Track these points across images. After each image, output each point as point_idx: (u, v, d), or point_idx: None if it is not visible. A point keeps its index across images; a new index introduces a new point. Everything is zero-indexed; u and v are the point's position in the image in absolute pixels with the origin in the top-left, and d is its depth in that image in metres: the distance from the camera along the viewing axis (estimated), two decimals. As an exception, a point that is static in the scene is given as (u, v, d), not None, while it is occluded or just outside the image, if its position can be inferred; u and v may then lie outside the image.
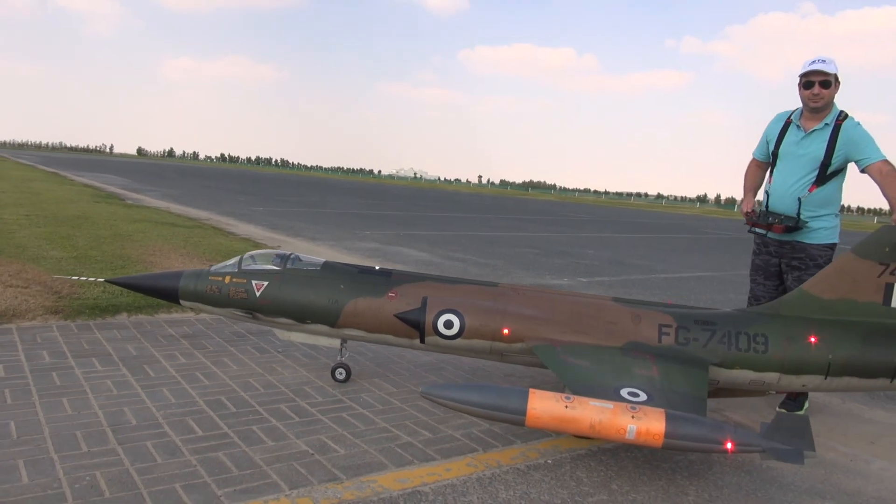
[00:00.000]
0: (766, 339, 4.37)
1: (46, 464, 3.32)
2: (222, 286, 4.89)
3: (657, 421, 3.31)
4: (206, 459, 3.52)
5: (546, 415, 3.39)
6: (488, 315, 4.54)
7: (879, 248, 4.40)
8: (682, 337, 4.39)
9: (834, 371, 4.33)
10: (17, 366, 4.73)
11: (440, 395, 3.61)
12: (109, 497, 3.06)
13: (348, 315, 4.70)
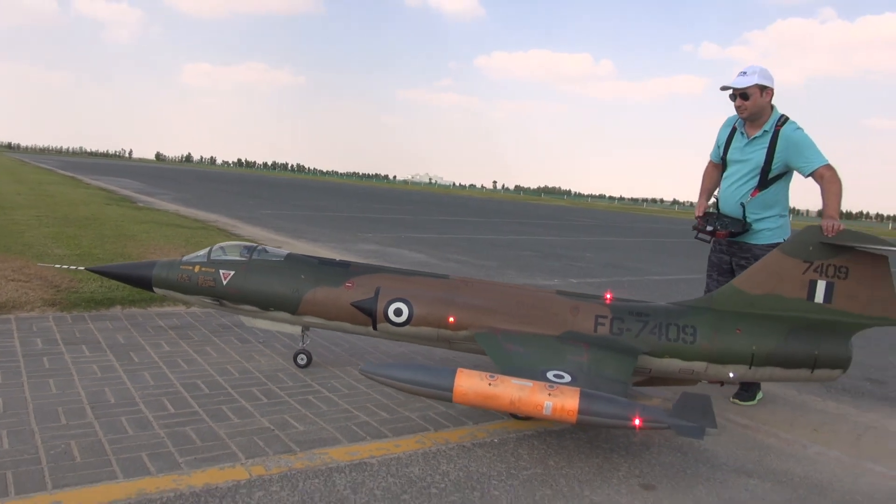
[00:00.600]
0: (694, 331, 4.62)
1: (27, 434, 3.65)
2: (192, 275, 5.15)
3: (571, 399, 3.60)
4: (173, 433, 3.83)
5: (471, 392, 3.69)
6: (435, 304, 4.80)
7: (803, 247, 4.65)
8: (616, 327, 4.66)
9: (758, 361, 4.58)
10: (11, 351, 5.08)
11: (377, 373, 3.94)
12: (80, 462, 3.38)
13: (308, 303, 4.97)
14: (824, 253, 4.61)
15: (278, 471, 3.48)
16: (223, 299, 5.14)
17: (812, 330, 4.61)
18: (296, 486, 3.34)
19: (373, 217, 25.57)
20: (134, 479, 3.25)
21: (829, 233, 4.55)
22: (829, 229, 4.55)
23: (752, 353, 4.57)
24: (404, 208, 35.83)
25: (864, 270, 4.61)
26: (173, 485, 3.23)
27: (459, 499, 3.37)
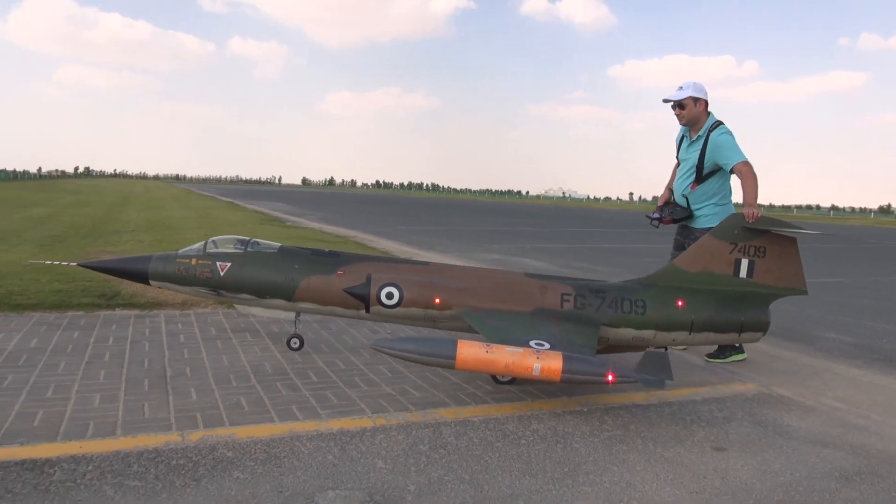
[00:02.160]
0: (644, 304, 5.33)
1: (208, 391, 4.71)
2: (189, 267, 5.47)
3: (556, 360, 4.21)
4: (316, 395, 4.75)
5: (471, 358, 4.25)
6: (423, 287, 5.35)
7: (730, 231, 5.49)
8: (579, 303, 5.33)
9: (696, 328, 5.35)
10: (192, 336, 6.30)
11: (388, 346, 4.46)
12: (247, 410, 4.36)
13: (303, 291, 5.40)
14: (746, 236, 5.44)
15: (396, 422, 4.28)
16: (220, 289, 5.50)
17: (738, 300, 5.41)
18: (410, 432, 4.12)
19: (501, 230, 26.37)
20: (287, 423, 4.17)
21: (749, 219, 5.39)
22: (749, 216, 5.40)
23: (692, 321, 5.33)
24: (533, 221, 36.36)
25: (778, 250, 5.47)
26: (315, 427, 4.12)
27: (543, 448, 3.99)
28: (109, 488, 3.19)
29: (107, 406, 4.29)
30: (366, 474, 3.50)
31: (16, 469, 3.33)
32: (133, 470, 3.39)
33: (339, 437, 3.98)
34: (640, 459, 3.91)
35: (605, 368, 4.24)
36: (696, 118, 6.14)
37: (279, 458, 3.64)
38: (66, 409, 4.20)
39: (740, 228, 5.47)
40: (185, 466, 3.47)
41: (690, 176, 6.19)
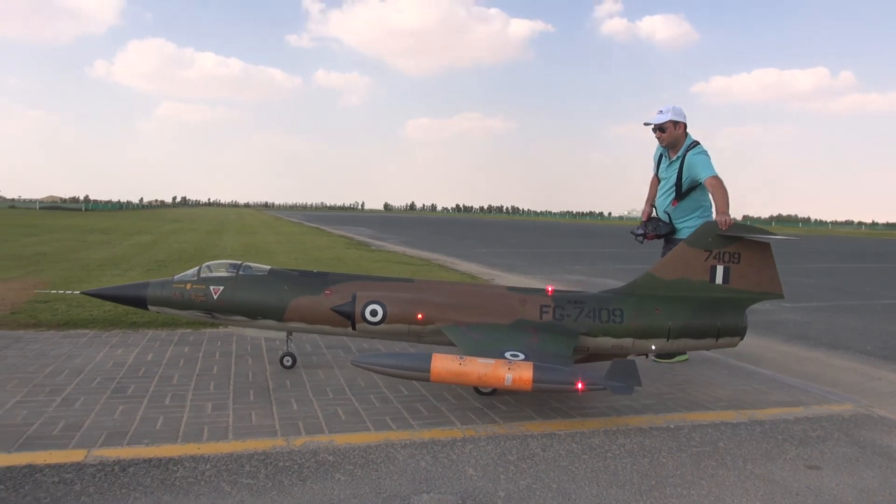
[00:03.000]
0: (621, 313, 5.45)
1: (308, 402, 5.02)
2: (184, 292, 5.60)
3: (527, 370, 4.27)
4: (407, 406, 4.98)
5: (445, 371, 4.33)
6: (406, 304, 5.44)
7: (704, 239, 5.59)
8: (558, 314, 5.45)
9: (673, 335, 5.43)
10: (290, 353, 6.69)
11: (366, 362, 4.62)
12: (344, 419, 4.63)
13: (292, 311, 5.54)
14: (721, 243, 5.55)
15: (485, 434, 4.44)
16: (214, 312, 5.62)
17: (714, 306, 5.50)
18: (498, 443, 4.27)
19: (583, 252, 26.19)
20: (381, 432, 4.41)
21: (723, 226, 5.53)
22: (722, 223, 5.55)
23: (669, 328, 5.42)
24: (616, 242, 35.83)
25: (753, 256, 5.55)
26: (408, 436, 4.34)
27: (630, 462, 4.06)
28: (226, 485, 3.51)
29: (218, 413, 4.66)
30: (457, 480, 3.68)
31: (144, 466, 3.70)
32: (245, 469, 3.70)
33: (430, 445, 4.18)
34: (730, 475, 3.91)
35: (575, 377, 4.32)
36: (675, 140, 6.50)
37: (376, 462, 3.87)
38: (182, 415, 4.60)
39: (714, 236, 5.59)
40: (292, 468, 3.75)
41: (671, 194, 6.56)
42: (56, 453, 3.82)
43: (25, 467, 3.61)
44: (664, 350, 5.61)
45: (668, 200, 6.58)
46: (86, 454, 3.82)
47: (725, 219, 5.60)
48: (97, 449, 3.91)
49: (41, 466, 3.63)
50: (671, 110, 6.42)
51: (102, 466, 3.66)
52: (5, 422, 4.31)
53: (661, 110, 6.50)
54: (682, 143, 6.46)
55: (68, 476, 3.52)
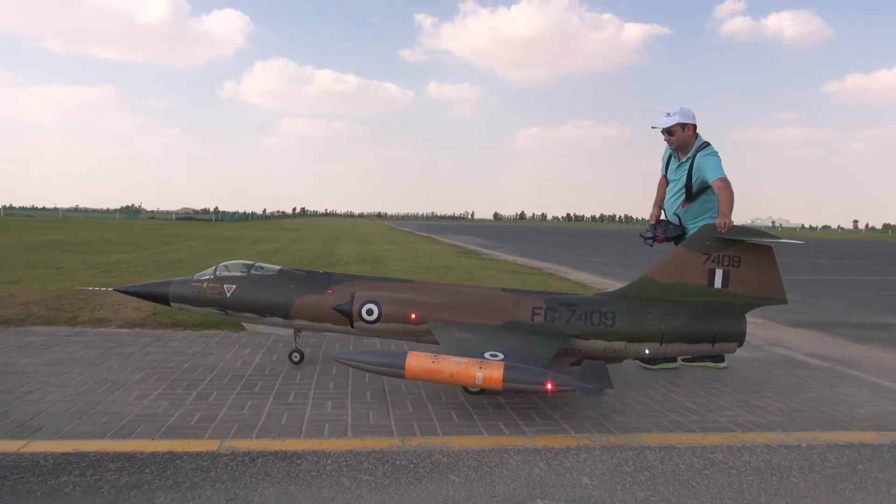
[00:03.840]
0: (613, 316, 5.41)
1: (422, 405, 5.11)
2: (201, 290, 5.92)
3: (497, 370, 4.34)
4: (520, 412, 4.97)
5: (419, 368, 4.47)
6: (400, 304, 5.58)
7: (702, 242, 5.52)
8: (549, 316, 5.47)
9: (667, 339, 5.35)
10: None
11: (347, 358, 4.82)
12: (457, 423, 4.68)
13: (297, 309, 5.77)
14: (719, 246, 5.47)
15: (600, 443, 4.35)
16: (228, 309, 5.92)
17: (710, 311, 5.41)
18: (613, 453, 4.17)
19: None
20: (494, 436, 4.43)
21: (721, 229, 5.47)
22: (721, 226, 5.48)
23: (662, 332, 5.35)
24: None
25: (754, 259, 5.45)
26: (521, 442, 4.33)
27: (756, 480, 3.84)
28: (346, 480, 3.64)
29: (338, 412, 4.85)
30: (572, 488, 3.63)
31: (271, 458, 3.91)
32: (364, 466, 3.83)
33: (543, 452, 4.15)
34: (872, 501, 3.62)
35: (545, 378, 4.34)
36: (684, 142, 6.39)
37: (489, 466, 3.89)
38: (305, 412, 4.82)
39: (713, 239, 5.52)
40: (408, 467, 3.84)
41: (681, 195, 6.46)
42: (193, 442, 4.12)
43: (167, 454, 3.91)
44: (659, 354, 5.52)
45: (679, 202, 6.49)
46: (219, 444, 4.09)
47: (725, 221, 5.52)
48: (229, 440, 4.18)
49: (181, 454, 3.92)
50: (679, 112, 6.33)
51: (234, 456, 3.91)
52: (149, 412, 4.70)
53: (669, 112, 6.40)
54: (691, 144, 6.37)
55: (204, 464, 3.79)
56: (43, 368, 5.80)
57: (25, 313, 8.20)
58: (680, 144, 6.41)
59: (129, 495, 3.37)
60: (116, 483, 3.50)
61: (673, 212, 6.54)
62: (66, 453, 3.87)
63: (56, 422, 4.43)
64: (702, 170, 6.19)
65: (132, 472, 3.64)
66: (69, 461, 3.76)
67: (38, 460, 3.76)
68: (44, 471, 3.62)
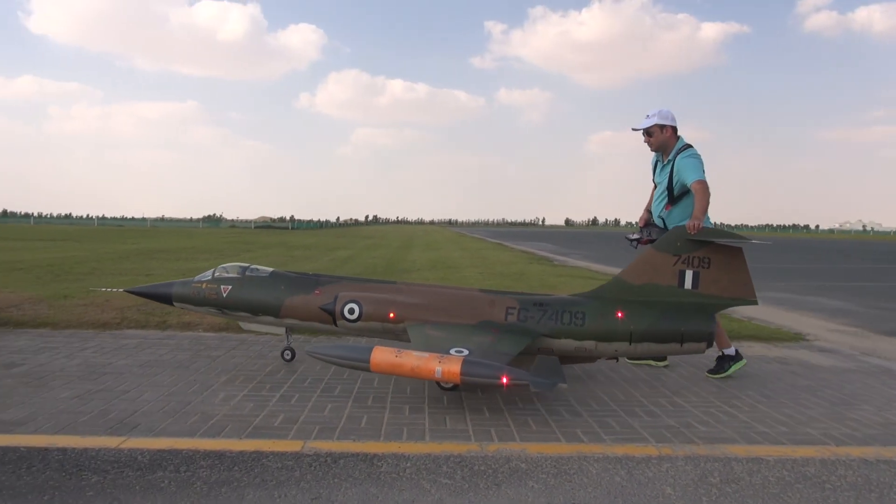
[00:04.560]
0: (583, 316, 5.57)
1: (498, 410, 5.11)
2: (200, 290, 6.24)
3: (456, 365, 4.54)
4: (598, 420, 4.89)
5: (383, 362, 4.70)
6: (380, 304, 5.82)
7: (672, 244, 5.65)
8: (522, 316, 5.66)
9: (636, 338, 5.48)
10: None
11: (318, 352, 5.03)
12: (535, 430, 4.65)
13: (286, 309, 6.05)
14: (690, 247, 5.60)
15: (683, 453, 4.24)
16: (224, 308, 6.21)
17: (680, 311, 5.53)
18: (697, 464, 4.05)
19: (787, 268, 24.02)
20: (573, 444, 4.38)
21: (691, 231, 5.58)
22: (691, 228, 5.59)
23: (631, 331, 5.48)
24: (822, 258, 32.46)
25: (724, 260, 5.56)
26: (601, 450, 4.26)
27: (853, 496, 3.65)
28: (426, 483, 3.68)
29: (415, 416, 4.91)
30: (655, 498, 3.55)
31: (352, 459, 4.00)
32: (443, 470, 3.86)
33: (624, 461, 4.07)
34: (983, 521, 3.38)
35: (501, 372, 4.51)
36: (664, 144, 6.43)
37: (569, 474, 3.85)
38: (383, 415, 4.90)
39: (683, 240, 5.63)
40: (486, 472, 3.85)
41: (664, 198, 6.48)
42: (278, 442, 4.25)
43: (254, 453, 4.06)
44: (628, 354, 5.65)
45: (662, 205, 6.53)
46: (302, 445, 4.21)
47: (695, 223, 5.63)
48: (312, 441, 4.29)
49: (266, 453, 4.06)
50: (658, 114, 6.39)
51: (317, 457, 4.01)
52: (236, 412, 4.88)
53: (648, 114, 6.47)
54: (671, 146, 6.42)
55: (289, 463, 3.91)
56: (137, 370, 6.12)
57: (121, 317, 8.67)
58: (659, 145, 6.48)
59: (220, 491, 3.51)
60: (208, 479, 3.65)
61: (658, 214, 6.60)
62: (161, 450, 4.07)
63: (150, 420, 4.66)
64: (681, 172, 6.24)
65: (222, 470, 3.79)
66: (164, 457, 3.95)
67: (135, 456, 3.97)
68: (141, 466, 3.82)
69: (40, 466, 3.78)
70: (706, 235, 5.59)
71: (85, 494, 3.43)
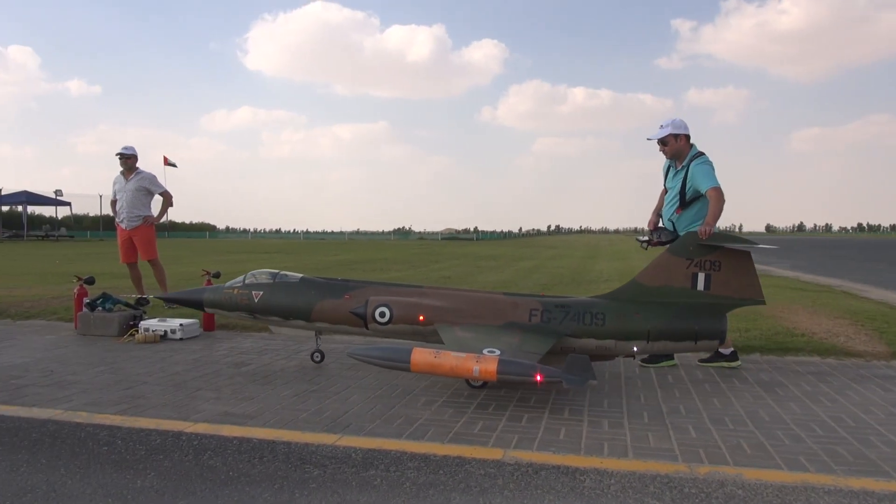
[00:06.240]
0: (604, 316, 5.87)
1: (705, 430, 4.79)
2: (232, 296, 6.56)
3: (492, 364, 4.86)
4: (825, 448, 4.39)
5: (422, 362, 5.00)
6: (410, 307, 6.10)
7: (685, 248, 6.00)
8: (545, 317, 5.96)
9: (653, 337, 5.78)
10: (679, 377, 6.50)
11: (358, 353, 5.31)
12: (750, 454, 4.29)
13: (317, 312, 6.34)
14: (701, 251, 5.94)
15: (937, 493, 3.66)
16: (256, 313, 6.53)
17: (693, 311, 5.84)
18: (958, 507, 3.48)
19: None
20: (796, 472, 3.97)
21: (702, 236, 5.94)
22: (702, 233, 5.95)
23: (648, 330, 5.78)
24: None
25: (733, 263, 5.94)
26: (832, 482, 3.81)
27: None
28: (633, 501, 3.53)
29: (615, 431, 4.75)
30: (905, 542, 3.10)
31: (554, 472, 3.95)
32: (650, 490, 3.68)
33: (862, 496, 3.61)
34: None
35: (534, 370, 4.82)
36: (678, 152, 6.79)
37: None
38: (581, 428, 4.80)
39: (695, 245, 5.99)
40: (698, 496, 3.60)
41: (676, 202, 6.81)
42: (479, 449, 4.32)
43: (457, 458, 4.16)
44: (645, 351, 5.97)
45: (673, 209, 6.85)
46: (503, 454, 4.24)
47: (707, 229, 5.99)
48: (512, 450, 4.31)
49: (469, 459, 4.14)
50: (671, 124, 6.74)
51: (518, 466, 4.02)
52: (437, 417, 5.04)
53: (662, 125, 6.82)
54: (686, 153, 6.77)
55: (492, 471, 3.95)
56: (346, 373, 6.57)
57: (328, 323, 9.37)
58: (674, 154, 6.83)
59: (428, 493, 3.63)
60: (416, 481, 3.80)
61: (668, 218, 6.94)
62: (372, 449, 4.31)
63: (360, 420, 4.97)
64: (695, 178, 6.56)
65: (428, 472, 3.93)
66: (375, 457, 4.18)
67: (349, 453, 4.25)
68: (355, 463, 4.08)
69: (269, 457, 4.17)
70: (717, 240, 5.96)
71: (308, 486, 3.72)
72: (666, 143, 6.84)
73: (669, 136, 6.78)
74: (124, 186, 10.13)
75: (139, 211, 10.16)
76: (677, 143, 6.79)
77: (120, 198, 10.17)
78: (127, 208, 10.08)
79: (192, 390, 5.84)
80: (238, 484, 3.75)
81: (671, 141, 6.80)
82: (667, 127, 6.80)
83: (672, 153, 6.87)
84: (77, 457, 4.18)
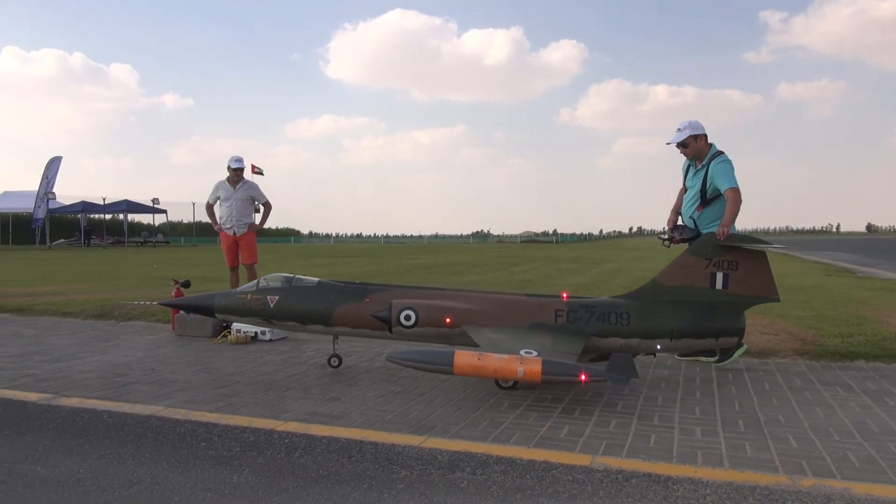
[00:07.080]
0: (628, 316, 5.98)
1: (808, 440, 4.53)
2: (245, 301, 6.45)
3: (536, 365, 4.91)
4: (944, 463, 4.07)
5: (466, 365, 5.04)
6: (436, 310, 6.05)
7: (704, 249, 6.20)
8: (570, 318, 6.00)
9: (676, 335, 6.01)
10: (776, 384, 6.20)
11: (398, 357, 5.35)
12: (858, 467, 4.02)
13: (337, 317, 6.28)
14: (719, 252, 6.13)
15: None
16: (271, 318, 6.46)
17: (713, 309, 6.06)
18: None
19: None
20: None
21: (720, 237, 6.16)
22: (720, 234, 6.18)
23: (672, 329, 5.98)
24: None
25: (750, 263, 6.11)
26: (954, 499, 3.52)
27: None
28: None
29: (709, 439, 4.57)
30: None
31: (645, 480, 3.83)
32: (749, 502, 3.51)
33: None
34: None
35: (579, 370, 4.89)
36: (699, 152, 6.92)
37: (912, 524, 3.24)
38: (672, 436, 4.64)
39: (713, 246, 6.12)
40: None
41: (696, 200, 6.93)
42: (566, 454, 4.25)
43: (543, 463, 4.10)
44: (668, 349, 6.15)
45: (694, 207, 6.99)
46: (591, 460, 4.15)
47: (724, 230, 6.16)
48: (600, 456, 4.21)
49: (556, 464, 4.07)
50: (689, 126, 6.86)
51: (607, 473, 3.92)
52: (521, 421, 4.99)
53: (679, 128, 6.93)
54: (706, 153, 6.89)
55: (580, 477, 3.87)
56: (430, 376, 6.54)
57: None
58: (695, 154, 6.96)
59: (516, 498, 3.60)
60: (503, 484, 3.77)
61: (689, 216, 7.08)
62: (458, 451, 4.31)
63: (445, 423, 4.98)
64: (716, 177, 6.70)
65: (515, 476, 3.89)
66: (461, 459, 4.18)
67: (435, 455, 4.26)
68: (441, 465, 4.09)
69: (358, 457, 4.24)
70: (734, 241, 6.12)
71: (396, 487, 3.76)
72: (686, 145, 6.97)
73: (689, 137, 6.90)
74: (232, 195, 10.55)
75: (247, 219, 10.59)
76: (697, 144, 6.93)
77: (228, 206, 10.60)
78: (236, 216, 10.51)
79: (281, 390, 6.03)
80: (328, 482, 3.83)
81: (691, 142, 6.93)
82: (685, 129, 6.91)
83: (693, 154, 7.00)
84: (178, 451, 4.38)
